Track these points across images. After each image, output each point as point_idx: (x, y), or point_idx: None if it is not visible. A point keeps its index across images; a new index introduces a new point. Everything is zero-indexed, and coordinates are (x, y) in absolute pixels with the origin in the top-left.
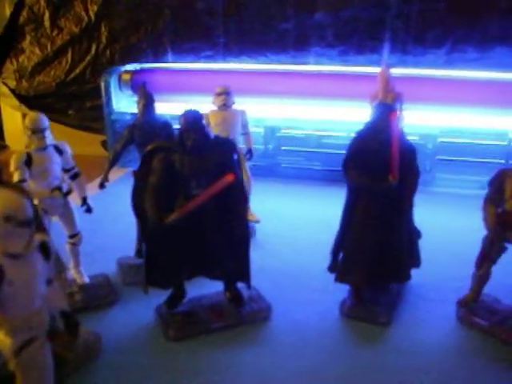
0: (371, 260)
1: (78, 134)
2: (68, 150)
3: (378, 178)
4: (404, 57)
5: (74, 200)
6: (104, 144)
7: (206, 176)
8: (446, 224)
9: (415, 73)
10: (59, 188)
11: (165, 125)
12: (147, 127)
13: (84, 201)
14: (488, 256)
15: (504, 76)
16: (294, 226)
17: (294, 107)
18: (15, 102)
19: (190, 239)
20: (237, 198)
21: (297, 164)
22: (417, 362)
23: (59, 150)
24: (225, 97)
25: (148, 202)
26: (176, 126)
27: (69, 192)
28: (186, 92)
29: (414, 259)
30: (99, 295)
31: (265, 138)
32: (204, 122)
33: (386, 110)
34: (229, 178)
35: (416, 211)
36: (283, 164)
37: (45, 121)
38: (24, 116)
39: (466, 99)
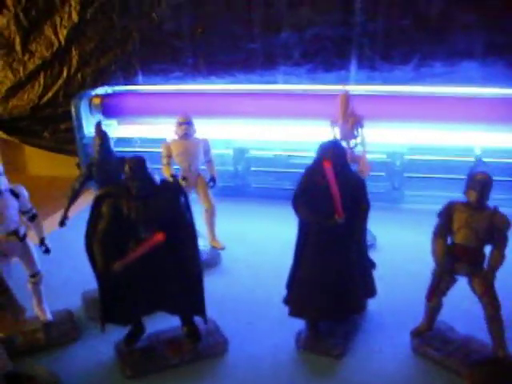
0: (323, 296)
1: (53, 156)
2: (25, 193)
3: (326, 214)
4: (371, 73)
5: (33, 239)
6: (79, 166)
7: (154, 220)
8: (413, 240)
9: (383, 90)
10: (16, 232)
11: (121, 162)
12: (104, 165)
13: (42, 242)
14: (438, 288)
15: (470, 91)
16: (262, 250)
17: (263, 128)
18: None
19: (142, 278)
20: (186, 238)
21: (266, 184)
22: None
23: (15, 194)
24: (186, 126)
25: (95, 248)
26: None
27: (24, 236)
28: (157, 114)
29: (369, 290)
30: (61, 332)
31: (234, 160)
32: (147, 167)
33: (322, 153)
34: (158, 237)
35: (384, 228)
36: (253, 184)
37: None
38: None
39: (433, 116)
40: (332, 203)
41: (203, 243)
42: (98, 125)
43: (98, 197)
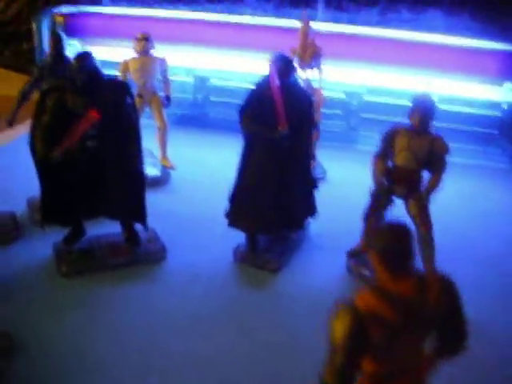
0: (262, 208)
1: (13, 75)
2: None
3: (271, 126)
4: (338, 14)
5: None
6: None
7: (99, 115)
8: (363, 179)
9: (347, 30)
10: None
11: None
12: (55, 68)
13: None
14: (376, 208)
15: (433, 38)
16: (212, 173)
17: (225, 58)
18: None
19: (83, 178)
20: (129, 139)
21: (225, 115)
22: (298, 307)
23: None
24: (145, 42)
25: (37, 139)
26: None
27: None
28: (119, 37)
29: (310, 208)
30: (1, 231)
31: (194, 88)
32: (94, 61)
33: (274, 68)
34: (92, 115)
35: (336, 165)
36: (211, 114)
37: None
38: None
39: (394, 59)
40: (276, 116)
41: (154, 162)
42: (53, 26)
43: (43, 91)
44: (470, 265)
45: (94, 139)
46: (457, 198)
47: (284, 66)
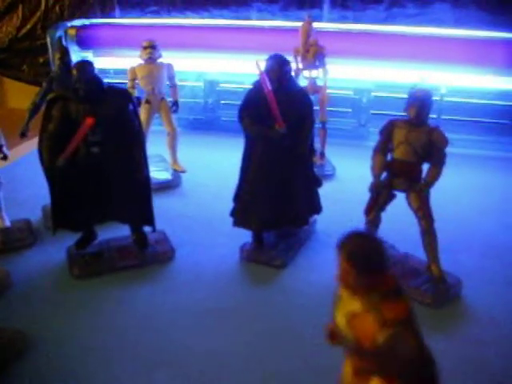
0: (266, 206)
1: (32, 89)
2: None
3: (270, 125)
4: (344, 12)
5: None
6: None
7: (102, 124)
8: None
9: (354, 28)
10: None
11: None
12: (63, 79)
13: (0, 149)
14: (376, 203)
15: (440, 32)
16: (223, 176)
17: (234, 61)
18: None
19: (91, 185)
20: (133, 146)
21: (236, 117)
22: (304, 302)
23: None
24: (150, 50)
25: (43, 147)
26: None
27: None
28: (131, 47)
29: (314, 206)
30: (18, 238)
31: (205, 92)
32: (93, 69)
33: (267, 67)
34: (88, 121)
35: (346, 162)
36: (222, 117)
37: None
38: None
39: (400, 54)
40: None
41: (165, 166)
42: (60, 39)
43: (49, 100)
44: (478, 255)
45: (97, 146)
46: (468, 189)
47: (277, 66)
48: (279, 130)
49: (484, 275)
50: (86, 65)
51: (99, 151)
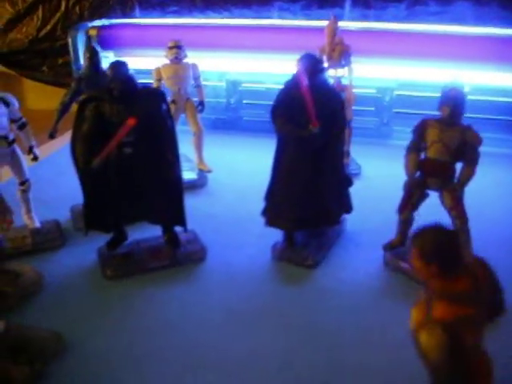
0: (298, 205)
1: (51, 89)
2: (14, 102)
3: (303, 125)
4: (365, 11)
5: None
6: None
7: (135, 124)
8: (399, 173)
9: (375, 27)
10: (5, 137)
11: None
12: (92, 79)
13: (30, 149)
14: (409, 202)
15: (462, 30)
16: (248, 176)
17: (255, 61)
18: None
19: (123, 186)
20: (166, 146)
21: (258, 117)
22: (337, 300)
23: (5, 102)
24: (176, 50)
25: (78, 148)
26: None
27: (14, 140)
28: (152, 47)
29: (344, 205)
30: (48, 239)
31: (227, 92)
32: (128, 69)
33: (302, 67)
34: (130, 121)
35: (371, 161)
36: (245, 117)
37: None
38: None
39: (423, 53)
40: (307, 115)
41: (191, 166)
42: (89, 39)
43: (82, 101)
44: (503, 250)
45: (130, 146)
46: (491, 187)
47: (312, 66)
48: (312, 130)
49: None
50: (120, 65)
51: (132, 152)
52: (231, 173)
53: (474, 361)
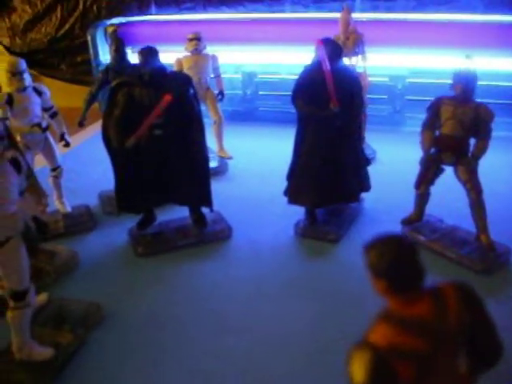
0: (319, 183)
1: (70, 87)
2: (46, 91)
3: (323, 106)
4: (376, 2)
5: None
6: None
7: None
8: (413, 158)
9: (386, 17)
10: (39, 124)
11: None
12: (119, 69)
13: (62, 136)
14: (425, 176)
15: (471, 18)
16: (266, 162)
17: (271, 53)
18: None
19: (153, 168)
20: (193, 129)
21: (274, 107)
22: (360, 272)
23: (38, 92)
24: (196, 42)
25: (111, 131)
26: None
27: (47, 127)
28: (169, 42)
29: (363, 183)
30: (79, 222)
31: (243, 84)
32: (157, 55)
33: (323, 52)
34: (167, 97)
35: (385, 147)
36: (261, 108)
37: (22, 64)
38: None
39: (433, 41)
40: (327, 97)
41: (212, 154)
42: (115, 31)
43: (113, 86)
44: None
45: (160, 128)
46: (505, 167)
47: (333, 50)
48: (333, 109)
49: None
50: (151, 51)
51: (161, 133)
52: (250, 160)
53: None
